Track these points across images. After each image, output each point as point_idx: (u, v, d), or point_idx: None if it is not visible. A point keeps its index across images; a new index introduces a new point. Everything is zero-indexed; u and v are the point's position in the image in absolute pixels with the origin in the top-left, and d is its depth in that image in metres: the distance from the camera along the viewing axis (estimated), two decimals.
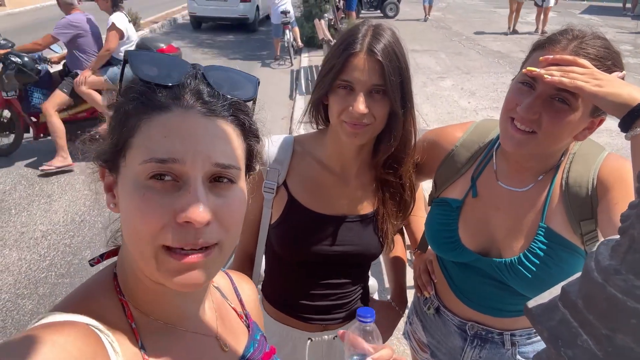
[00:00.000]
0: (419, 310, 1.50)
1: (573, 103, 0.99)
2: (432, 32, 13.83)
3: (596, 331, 0.50)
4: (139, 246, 0.59)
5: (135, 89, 0.62)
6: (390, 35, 1.14)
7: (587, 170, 1.10)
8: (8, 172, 4.96)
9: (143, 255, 0.59)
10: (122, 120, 0.61)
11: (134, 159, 0.59)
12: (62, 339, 0.53)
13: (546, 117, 1.00)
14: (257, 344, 0.83)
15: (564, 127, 1.01)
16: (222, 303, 0.84)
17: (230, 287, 0.89)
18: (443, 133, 1.34)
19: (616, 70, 1.00)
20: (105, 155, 0.63)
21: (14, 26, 13.80)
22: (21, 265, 3.51)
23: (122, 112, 0.62)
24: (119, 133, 0.61)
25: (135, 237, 0.59)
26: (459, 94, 7.86)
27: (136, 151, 0.59)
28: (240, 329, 0.83)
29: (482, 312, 1.28)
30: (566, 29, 1.05)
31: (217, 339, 0.76)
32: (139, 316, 0.66)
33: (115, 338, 0.60)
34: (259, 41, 12.70)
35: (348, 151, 1.26)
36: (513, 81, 1.09)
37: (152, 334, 0.66)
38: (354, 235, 1.30)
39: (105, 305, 0.63)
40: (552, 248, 1.12)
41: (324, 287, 1.35)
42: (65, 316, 0.59)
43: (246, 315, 0.87)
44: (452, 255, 1.26)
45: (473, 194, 1.23)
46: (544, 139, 1.03)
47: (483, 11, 18.44)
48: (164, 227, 0.57)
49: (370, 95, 1.13)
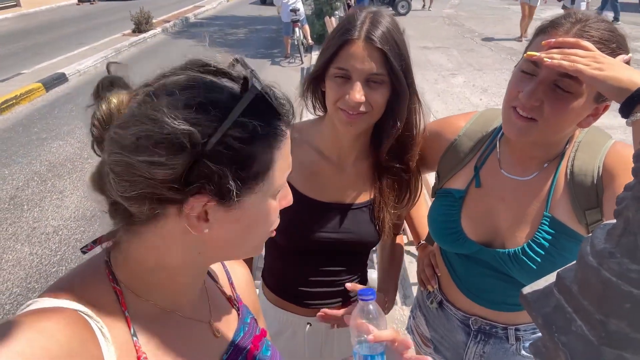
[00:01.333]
0: (422, 304, 1.48)
1: (576, 89, 0.96)
2: (444, 29, 13.74)
3: (590, 317, 0.48)
4: (252, 246, 0.72)
5: (264, 120, 0.61)
6: (389, 22, 1.13)
7: (592, 158, 1.08)
8: (21, 168, 5.04)
9: (256, 247, 0.73)
10: (263, 150, 0.61)
11: (273, 181, 0.65)
12: (50, 325, 0.53)
13: (548, 104, 0.98)
14: (248, 327, 0.83)
15: (566, 114, 0.99)
16: (213, 286, 0.84)
17: (221, 270, 0.89)
18: (446, 123, 1.32)
19: (621, 53, 0.97)
20: (228, 185, 0.60)
21: (28, 26, 14.01)
22: (32, 260, 3.56)
23: (265, 144, 0.62)
24: (264, 162, 0.62)
25: (258, 239, 0.72)
26: (471, 91, 7.79)
27: (275, 175, 0.65)
28: (230, 313, 0.83)
29: (486, 306, 1.26)
30: (569, 13, 1.02)
31: (210, 324, 0.76)
32: (132, 302, 0.65)
33: (105, 324, 0.60)
34: (269, 39, 12.73)
35: (345, 138, 1.25)
36: (515, 68, 1.07)
37: (145, 321, 0.66)
38: (350, 223, 1.29)
39: (97, 292, 0.63)
40: (557, 238, 1.09)
41: (321, 274, 1.35)
42: (55, 302, 0.58)
43: (236, 298, 0.87)
44: (455, 246, 1.24)
45: (476, 184, 1.21)
46: (546, 127, 1.01)
47: (497, 8, 18.27)
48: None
49: (368, 84, 1.11)
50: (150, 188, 0.57)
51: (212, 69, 0.62)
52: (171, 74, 0.62)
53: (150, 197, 0.58)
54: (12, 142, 5.77)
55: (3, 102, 6.89)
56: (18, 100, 7.19)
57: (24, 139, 5.86)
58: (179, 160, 0.56)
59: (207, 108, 0.56)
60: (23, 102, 7.29)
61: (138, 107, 0.59)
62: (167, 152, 0.55)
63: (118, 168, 0.58)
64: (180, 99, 0.57)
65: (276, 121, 0.63)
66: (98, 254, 0.69)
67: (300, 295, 1.37)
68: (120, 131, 0.58)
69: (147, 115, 0.57)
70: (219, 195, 0.59)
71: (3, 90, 7.41)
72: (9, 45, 11.22)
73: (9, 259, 3.56)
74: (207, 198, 0.59)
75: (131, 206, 0.60)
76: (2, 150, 5.53)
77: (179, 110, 0.56)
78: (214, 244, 0.66)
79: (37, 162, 5.20)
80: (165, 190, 0.57)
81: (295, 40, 10.13)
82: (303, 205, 1.27)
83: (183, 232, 0.62)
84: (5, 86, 7.65)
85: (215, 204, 0.60)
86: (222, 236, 0.65)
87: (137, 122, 0.57)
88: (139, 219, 0.62)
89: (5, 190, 4.57)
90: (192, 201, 0.58)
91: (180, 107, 0.56)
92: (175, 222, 0.61)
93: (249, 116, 0.58)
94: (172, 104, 0.56)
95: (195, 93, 0.58)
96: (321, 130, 1.30)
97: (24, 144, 5.72)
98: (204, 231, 0.62)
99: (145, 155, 0.56)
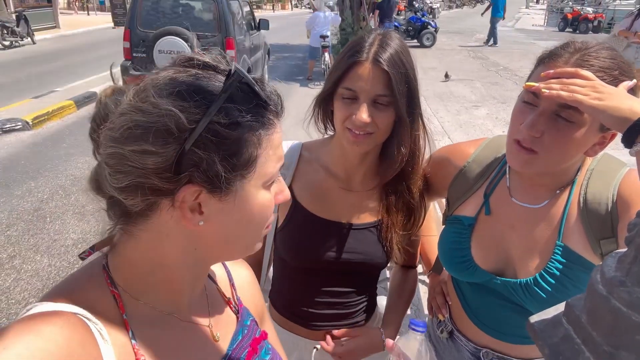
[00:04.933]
0: (432, 334, 1.44)
1: (578, 119, 0.95)
2: (469, 62, 13.79)
3: (599, 348, 0.46)
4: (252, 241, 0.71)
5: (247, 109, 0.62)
6: (397, 44, 1.14)
7: (606, 186, 1.05)
8: (47, 182, 5.17)
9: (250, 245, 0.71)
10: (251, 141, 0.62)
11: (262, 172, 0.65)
12: (48, 328, 0.54)
13: (549, 135, 0.97)
14: (247, 329, 0.82)
15: (568, 145, 0.97)
16: (212, 289, 0.83)
17: (223, 272, 0.89)
18: (455, 150, 1.31)
19: (625, 80, 0.94)
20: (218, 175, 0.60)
21: (65, 47, 14.60)
22: (50, 272, 3.61)
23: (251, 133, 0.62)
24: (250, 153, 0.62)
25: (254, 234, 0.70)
26: (493, 123, 7.75)
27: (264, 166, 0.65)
28: (228, 315, 0.82)
29: (498, 338, 1.22)
30: (568, 42, 1.02)
31: (209, 328, 0.76)
32: (130, 306, 0.65)
33: (104, 327, 0.60)
34: (296, 66, 12.96)
35: (352, 158, 1.25)
36: (518, 99, 1.06)
37: (143, 324, 0.66)
38: (357, 243, 1.28)
39: (95, 296, 0.63)
40: (570, 268, 1.06)
41: (328, 295, 1.33)
42: (54, 305, 0.59)
43: (237, 300, 0.86)
44: (465, 275, 1.21)
45: (486, 211, 1.18)
46: (547, 158, 1.00)
47: (522, 43, 18.30)
48: None
49: (374, 105, 1.13)
50: (143, 178, 0.59)
51: (197, 62, 0.64)
52: (160, 70, 0.65)
53: (142, 187, 0.59)
54: (41, 156, 5.94)
55: (35, 117, 7.13)
56: (50, 116, 7.44)
57: (52, 153, 6.03)
58: (168, 148, 0.57)
59: (192, 95, 0.58)
60: (54, 118, 7.54)
61: (128, 102, 0.61)
62: (155, 139, 0.57)
63: (112, 161, 0.60)
64: (166, 89, 0.59)
65: (263, 110, 0.64)
66: (97, 258, 0.70)
67: (306, 317, 1.35)
68: (111, 125, 0.60)
69: (134, 107, 0.59)
70: (209, 183, 0.60)
71: (36, 106, 7.69)
72: (45, 64, 11.70)
73: (28, 269, 3.62)
74: (198, 187, 0.60)
75: (126, 199, 0.61)
76: (31, 163, 5.70)
77: (165, 99, 0.58)
78: (209, 238, 0.66)
79: (63, 176, 5.33)
80: (156, 180, 0.58)
81: (322, 64, 10.62)
82: (310, 223, 1.27)
83: (178, 227, 0.63)
84: (39, 102, 7.94)
85: (208, 194, 0.61)
86: (217, 230, 0.65)
87: (126, 114, 0.59)
88: (134, 214, 0.63)
89: (30, 202, 4.68)
90: (184, 190, 0.59)
91: (166, 95, 0.58)
92: (169, 217, 0.62)
93: (235, 103, 0.60)
94: (158, 93, 0.59)
95: (181, 83, 0.60)
96: (330, 150, 1.31)
97: (51, 158, 5.88)
98: (199, 224, 0.62)
99: (135, 144, 0.58)
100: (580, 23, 22.94)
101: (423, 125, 1.22)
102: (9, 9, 15.69)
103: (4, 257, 3.76)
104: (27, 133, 6.82)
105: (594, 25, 22.69)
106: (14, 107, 7.64)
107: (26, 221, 4.32)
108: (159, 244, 0.65)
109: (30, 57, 12.51)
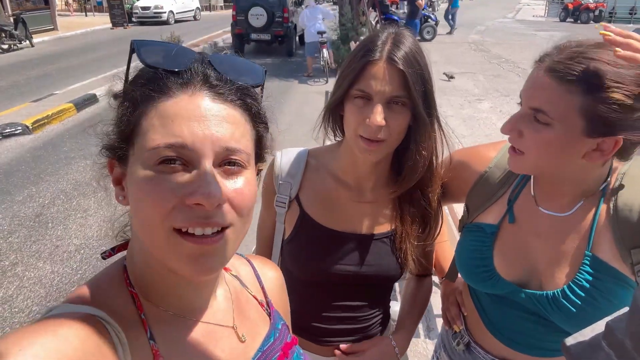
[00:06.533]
0: (447, 345, 1.38)
1: (548, 121, 0.94)
2: (470, 54, 13.69)
3: None
4: (150, 232, 0.59)
5: (142, 76, 0.63)
6: (411, 43, 1.08)
7: (638, 192, 0.99)
8: (48, 186, 5.13)
9: (155, 241, 0.58)
10: (129, 109, 0.62)
11: (143, 146, 0.59)
12: (64, 330, 0.53)
13: (527, 135, 0.98)
14: (279, 333, 0.80)
15: (547, 147, 0.96)
16: (241, 292, 0.81)
17: (252, 274, 0.87)
18: (474, 153, 1.25)
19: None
20: (114, 146, 0.63)
21: (63, 49, 14.56)
22: (53, 278, 3.57)
23: (129, 100, 0.62)
24: (127, 122, 0.61)
25: (146, 223, 0.59)
26: (497, 117, 7.67)
27: (144, 138, 0.59)
28: (260, 318, 0.80)
29: (519, 350, 1.16)
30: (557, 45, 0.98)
31: (234, 329, 0.73)
32: (149, 307, 0.65)
33: (122, 329, 0.60)
34: (295, 63, 12.90)
35: (364, 166, 1.19)
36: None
37: (162, 325, 0.65)
38: (369, 254, 1.22)
39: (114, 297, 0.64)
40: (600, 279, 1.00)
41: (339, 309, 1.27)
42: (73, 307, 0.59)
43: (268, 303, 0.84)
44: (486, 286, 1.15)
45: (510, 219, 1.13)
46: (532, 158, 0.99)
47: (524, 34, 18.16)
48: (173, 209, 0.56)
49: (389, 107, 1.06)
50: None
51: None
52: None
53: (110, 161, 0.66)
54: (42, 161, 5.91)
55: (35, 121, 7.09)
56: (49, 120, 7.40)
57: (53, 158, 5.99)
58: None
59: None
60: (54, 121, 7.49)
61: None
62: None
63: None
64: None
65: (159, 79, 0.61)
66: (117, 260, 0.70)
67: (317, 332, 1.29)
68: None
69: None
70: (111, 153, 0.64)
71: (35, 110, 7.64)
72: (44, 66, 11.65)
73: (31, 277, 3.58)
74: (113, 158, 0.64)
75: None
76: (32, 168, 5.66)
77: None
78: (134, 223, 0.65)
79: (64, 180, 5.29)
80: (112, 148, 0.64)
81: (321, 60, 10.66)
82: (319, 235, 1.21)
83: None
84: (38, 106, 7.89)
85: (118, 167, 0.64)
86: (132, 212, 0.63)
87: None
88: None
89: (32, 208, 4.64)
90: (110, 163, 0.65)
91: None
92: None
93: (141, 73, 0.64)
94: None
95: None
96: (339, 157, 1.24)
97: (52, 162, 5.84)
98: (119, 199, 0.64)
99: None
100: (581, 13, 22.81)
101: (440, 127, 1.16)
102: (6, 12, 15.63)
103: (6, 264, 3.73)
104: (27, 137, 6.78)
105: (595, 15, 22.54)
106: (14, 111, 7.60)
107: (28, 227, 4.29)
108: (134, 238, 0.66)
109: (29, 60, 12.46)
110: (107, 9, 20.26)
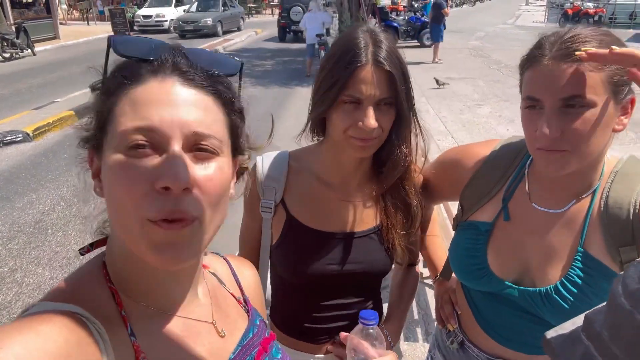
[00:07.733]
0: (441, 344, 1.38)
1: (588, 100, 0.91)
2: (470, 60, 13.73)
3: None
4: (123, 220, 0.59)
5: (117, 68, 0.64)
6: (388, 39, 1.10)
7: (629, 190, 0.99)
8: (48, 193, 5.14)
9: (128, 229, 0.58)
10: (103, 98, 0.63)
11: (114, 131, 0.59)
12: (46, 328, 0.53)
13: (569, 129, 0.92)
14: (257, 329, 0.82)
15: (592, 129, 0.92)
16: (219, 288, 0.82)
17: (228, 273, 0.88)
18: (467, 152, 1.25)
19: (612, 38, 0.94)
20: (89, 137, 0.64)
21: (65, 57, 14.63)
22: (52, 285, 3.54)
23: (103, 91, 0.64)
24: (101, 111, 0.62)
25: (119, 211, 0.59)
26: (497, 121, 7.68)
27: (115, 123, 0.60)
28: (238, 314, 0.81)
29: (513, 348, 1.16)
30: (539, 41, 0.99)
31: (213, 325, 0.74)
32: (129, 303, 0.65)
33: (103, 326, 0.59)
34: (295, 70, 12.94)
35: (349, 164, 1.20)
36: (521, 108, 1.02)
37: (142, 321, 0.65)
38: (359, 252, 1.22)
39: (94, 294, 0.63)
40: (591, 276, 1.00)
41: (332, 308, 1.27)
42: (53, 305, 0.59)
43: (245, 300, 0.85)
44: (480, 283, 1.15)
45: (505, 217, 1.13)
46: (580, 151, 0.94)
47: (524, 40, 18.18)
48: (146, 196, 0.56)
49: (378, 108, 1.07)
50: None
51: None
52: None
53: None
54: (42, 168, 5.93)
55: (36, 128, 7.13)
56: (50, 127, 7.44)
57: (53, 165, 6.01)
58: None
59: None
60: (55, 129, 7.53)
61: None
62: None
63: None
64: None
65: (131, 66, 0.63)
66: (99, 254, 0.70)
67: (311, 333, 1.29)
68: None
69: None
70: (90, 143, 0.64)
71: (37, 117, 7.68)
72: (45, 75, 11.72)
73: (30, 283, 3.58)
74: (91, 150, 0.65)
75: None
76: (32, 175, 5.68)
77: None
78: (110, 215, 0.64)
79: (65, 187, 5.30)
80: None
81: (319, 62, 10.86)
82: (307, 238, 1.21)
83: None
84: (39, 114, 7.94)
85: (96, 157, 0.64)
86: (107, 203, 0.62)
87: None
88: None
89: (32, 215, 4.65)
90: (89, 155, 0.65)
91: None
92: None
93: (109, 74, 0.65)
94: None
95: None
96: (322, 157, 1.24)
97: (52, 169, 5.86)
98: (96, 190, 0.64)
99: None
100: (581, 18, 22.85)
101: (417, 122, 1.17)
102: (8, 21, 15.73)
103: (5, 270, 3.73)
104: (28, 145, 6.81)
105: (594, 20, 22.59)
106: (15, 119, 7.65)
107: (27, 234, 4.29)
108: (113, 234, 0.66)
109: (31, 69, 12.54)
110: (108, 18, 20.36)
